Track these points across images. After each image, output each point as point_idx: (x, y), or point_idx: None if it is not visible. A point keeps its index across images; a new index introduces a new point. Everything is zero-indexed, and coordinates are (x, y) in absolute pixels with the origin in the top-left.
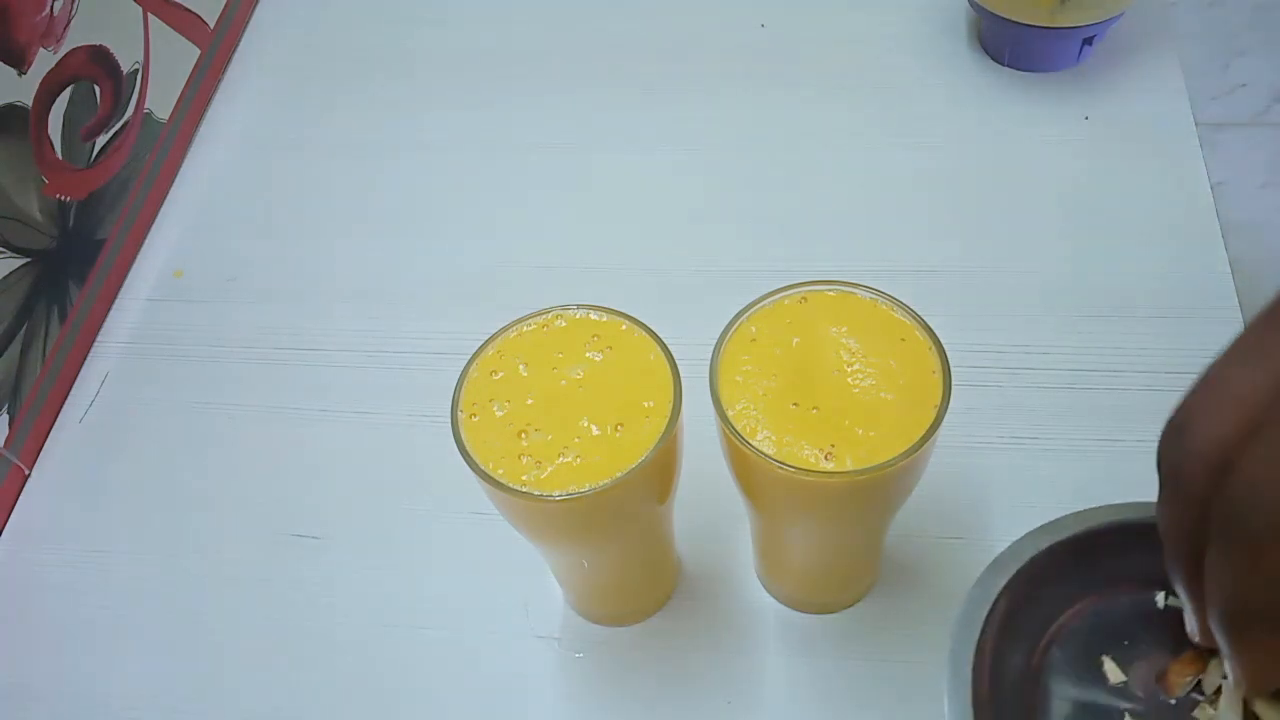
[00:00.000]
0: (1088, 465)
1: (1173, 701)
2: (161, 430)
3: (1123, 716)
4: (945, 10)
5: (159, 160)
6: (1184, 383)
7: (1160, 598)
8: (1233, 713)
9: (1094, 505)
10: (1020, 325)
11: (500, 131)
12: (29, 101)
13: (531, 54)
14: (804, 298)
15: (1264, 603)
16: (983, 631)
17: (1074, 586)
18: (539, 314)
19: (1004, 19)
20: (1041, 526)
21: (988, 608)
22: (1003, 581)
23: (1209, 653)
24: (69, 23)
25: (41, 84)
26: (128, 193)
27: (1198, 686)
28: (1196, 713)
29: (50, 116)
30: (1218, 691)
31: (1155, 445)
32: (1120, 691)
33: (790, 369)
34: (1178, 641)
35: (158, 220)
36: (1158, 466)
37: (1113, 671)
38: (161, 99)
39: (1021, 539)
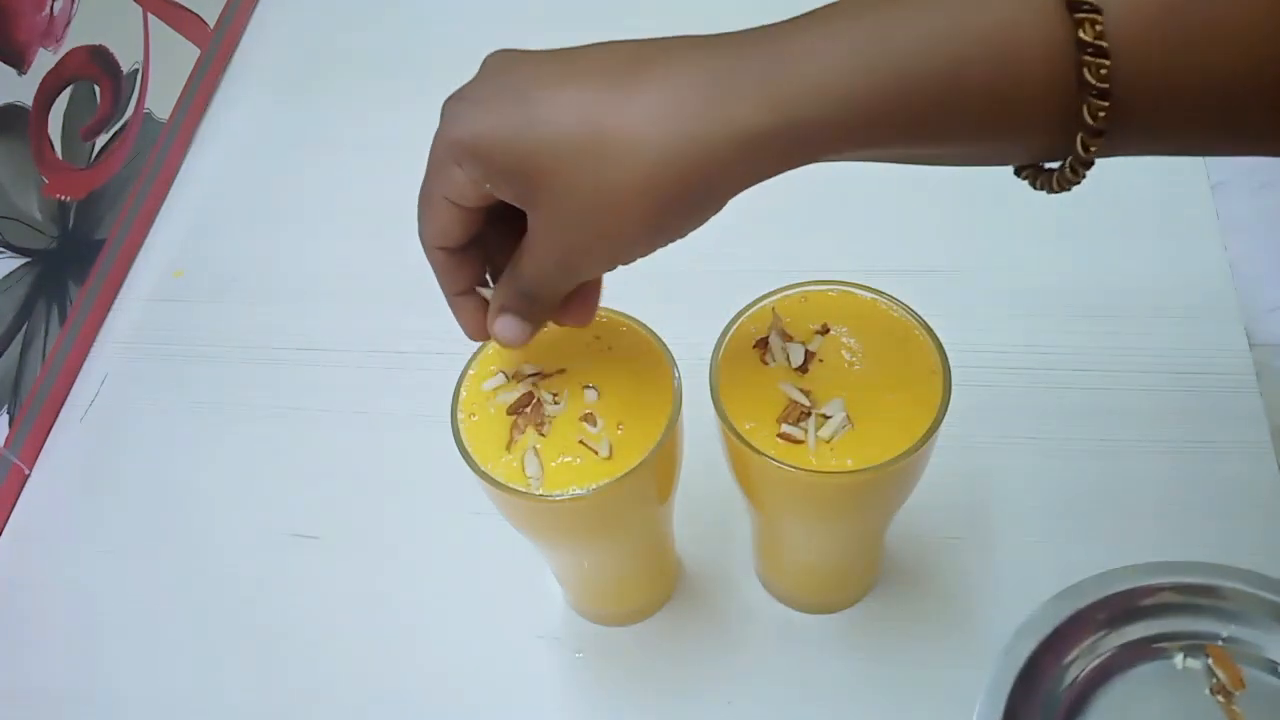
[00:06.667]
0: (1087, 465)
1: None
2: (161, 430)
3: None
4: None
5: (159, 160)
6: (1184, 383)
7: (1179, 660)
8: None
9: (1115, 567)
10: (1020, 325)
11: None
12: (29, 101)
13: None
14: (804, 297)
15: None
16: (1009, 700)
17: (1093, 651)
18: None
19: None
20: (1064, 591)
21: (1015, 674)
22: (1029, 648)
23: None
24: (69, 23)
25: (41, 84)
26: (128, 193)
27: None
28: None
29: (50, 116)
30: None
31: (1156, 446)
32: None
33: (790, 369)
34: (1194, 703)
35: (158, 220)
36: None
37: None
38: (161, 99)
39: (1046, 604)
